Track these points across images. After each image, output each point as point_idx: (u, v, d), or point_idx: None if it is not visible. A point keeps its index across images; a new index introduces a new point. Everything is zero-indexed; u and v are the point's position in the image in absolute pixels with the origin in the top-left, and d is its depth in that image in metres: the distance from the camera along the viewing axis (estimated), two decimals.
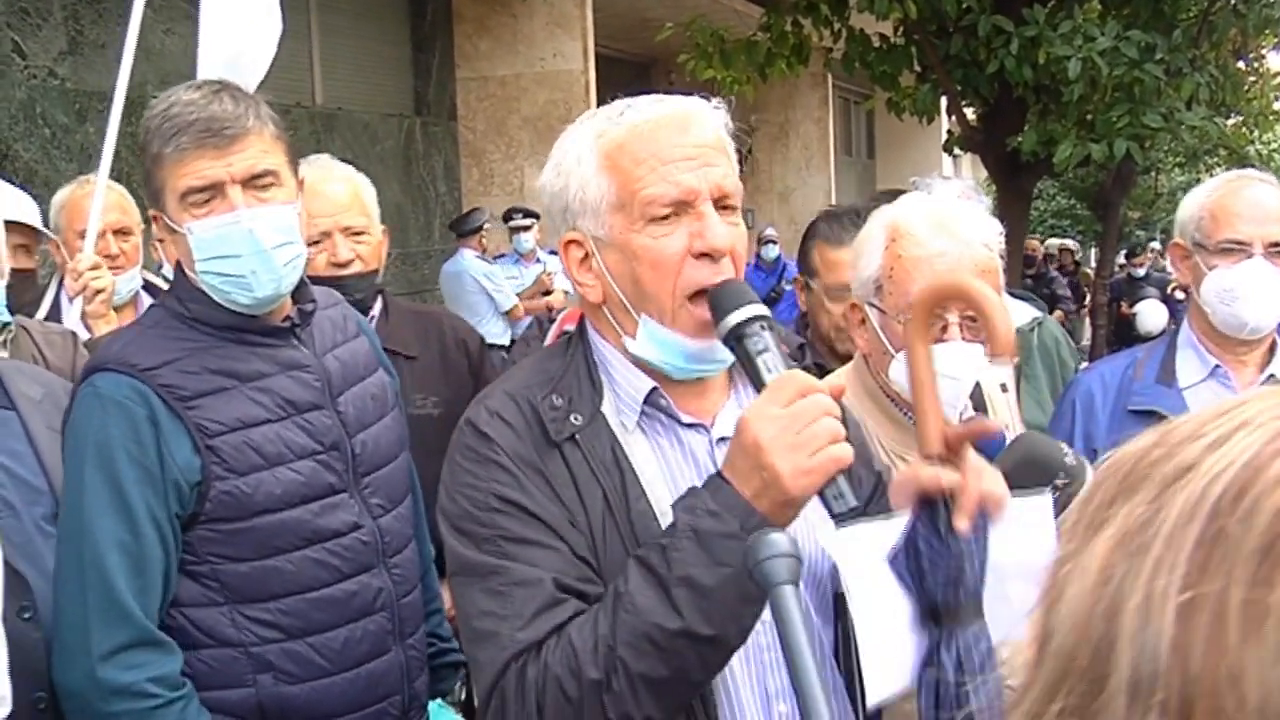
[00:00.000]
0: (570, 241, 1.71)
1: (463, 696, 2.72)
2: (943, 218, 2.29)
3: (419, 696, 2.39)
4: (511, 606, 1.56)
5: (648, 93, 1.75)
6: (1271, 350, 2.88)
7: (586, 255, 1.70)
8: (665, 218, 1.62)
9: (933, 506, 1.62)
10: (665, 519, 1.61)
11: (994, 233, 2.35)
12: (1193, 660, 0.56)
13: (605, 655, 1.49)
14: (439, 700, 2.54)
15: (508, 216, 9.76)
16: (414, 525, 2.48)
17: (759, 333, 1.57)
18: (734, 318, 1.58)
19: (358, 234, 3.11)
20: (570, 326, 2.97)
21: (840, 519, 1.52)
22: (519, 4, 10.23)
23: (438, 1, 10.56)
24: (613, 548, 1.62)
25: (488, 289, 9.06)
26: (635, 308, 1.67)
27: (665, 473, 1.68)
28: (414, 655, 2.37)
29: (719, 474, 1.54)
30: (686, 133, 1.65)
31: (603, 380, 1.71)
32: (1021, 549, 1.64)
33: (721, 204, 1.65)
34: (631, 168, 1.63)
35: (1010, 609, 1.71)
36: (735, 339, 1.59)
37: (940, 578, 1.66)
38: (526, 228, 9.63)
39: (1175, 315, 15.21)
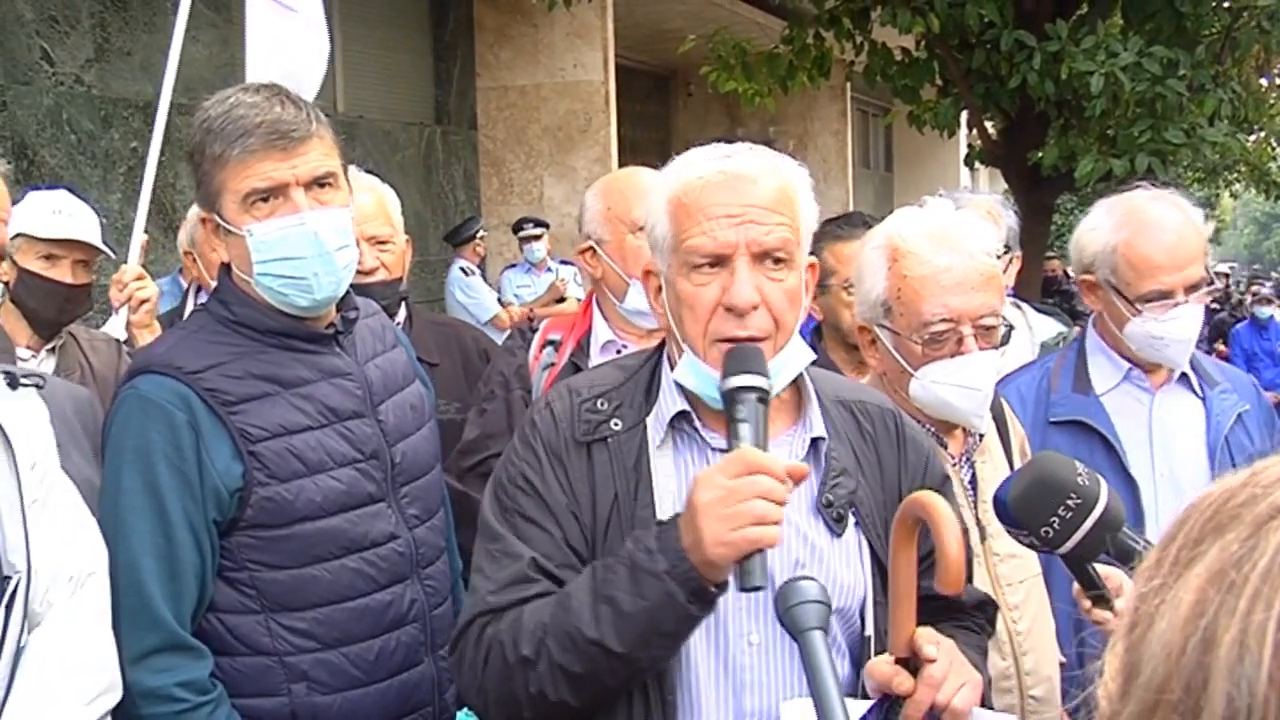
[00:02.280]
0: (648, 271, 1.91)
1: None
2: (942, 232, 2.28)
3: (449, 708, 2.39)
4: (496, 572, 1.78)
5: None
6: None
7: (660, 286, 1.87)
8: (707, 267, 1.77)
9: (892, 704, 1.67)
10: None
11: (993, 239, 2.35)
12: None
13: (538, 639, 1.69)
14: (466, 709, 2.54)
15: (518, 227, 9.78)
16: (445, 537, 2.48)
17: (747, 402, 1.67)
18: (732, 381, 1.69)
19: (382, 243, 3.19)
20: (554, 335, 3.00)
21: (745, 592, 1.61)
22: (540, 14, 10.25)
23: (459, 11, 10.60)
24: (613, 545, 1.76)
25: (464, 302, 9.12)
26: (681, 340, 1.83)
27: (682, 490, 1.77)
28: (445, 667, 2.36)
29: (676, 516, 1.66)
30: (736, 191, 1.77)
31: (658, 395, 1.86)
32: None
33: (769, 259, 1.77)
34: (684, 218, 1.79)
35: None
36: (727, 400, 1.70)
37: None
38: (537, 237, 9.63)
39: None
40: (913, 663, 1.67)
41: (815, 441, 1.87)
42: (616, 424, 1.82)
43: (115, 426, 2.14)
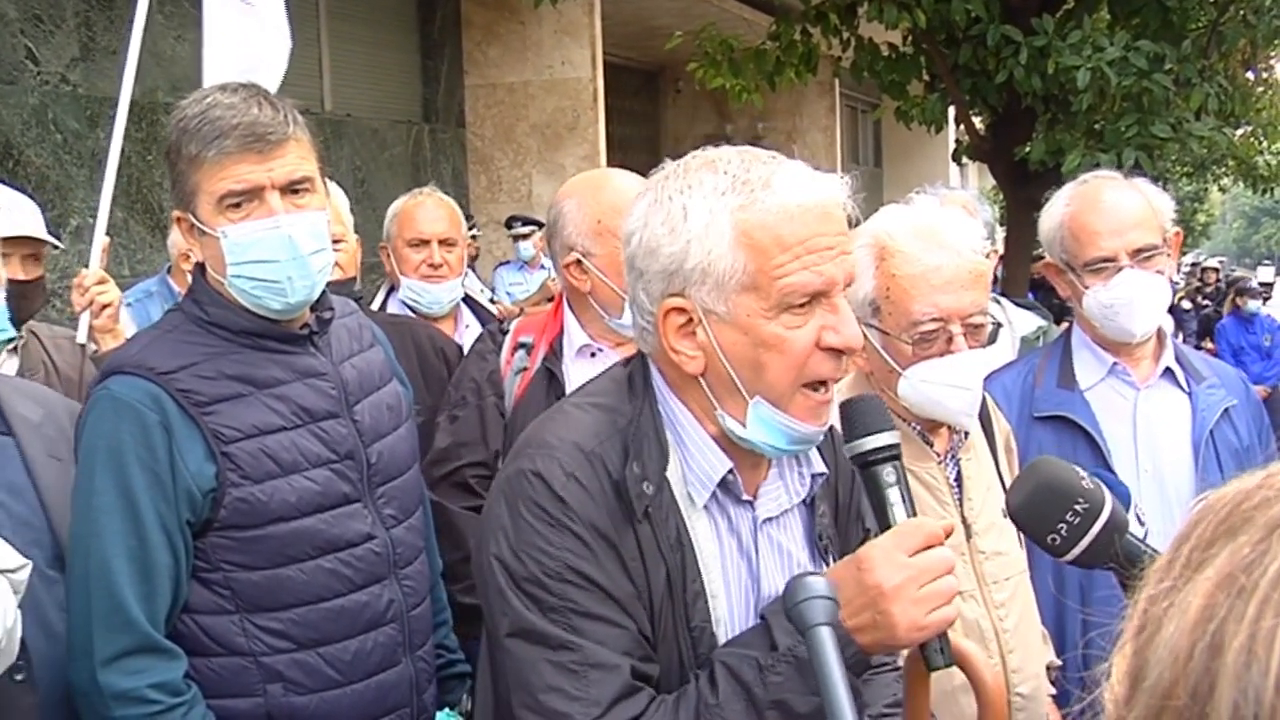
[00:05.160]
0: (676, 309, 1.60)
1: (469, 706, 2.71)
2: (930, 230, 2.27)
3: (427, 709, 2.38)
4: (586, 690, 1.53)
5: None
6: (1161, 341, 2.90)
7: (689, 322, 1.61)
8: (799, 307, 1.57)
9: None
10: (715, 600, 1.65)
11: (980, 235, 2.35)
12: None
13: None
14: (446, 710, 2.54)
15: (508, 224, 9.75)
16: (424, 537, 2.47)
17: (890, 464, 1.58)
18: (870, 442, 1.59)
19: (334, 242, 3.16)
20: (525, 339, 2.91)
21: (934, 671, 1.54)
22: (528, 11, 10.23)
23: (447, 8, 10.58)
24: (665, 624, 1.62)
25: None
26: (748, 389, 1.61)
27: (719, 551, 1.68)
28: (423, 667, 2.37)
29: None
30: (829, 220, 1.59)
31: (670, 442, 1.66)
32: None
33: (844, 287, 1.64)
34: (776, 252, 1.55)
35: None
36: (864, 462, 1.60)
37: None
38: (526, 235, 9.60)
39: (1182, 324, 15.17)
40: None
41: (813, 477, 1.77)
42: (649, 488, 1.60)
43: (87, 427, 2.12)
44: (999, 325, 2.37)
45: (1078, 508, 1.72)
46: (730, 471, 1.66)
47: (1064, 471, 1.77)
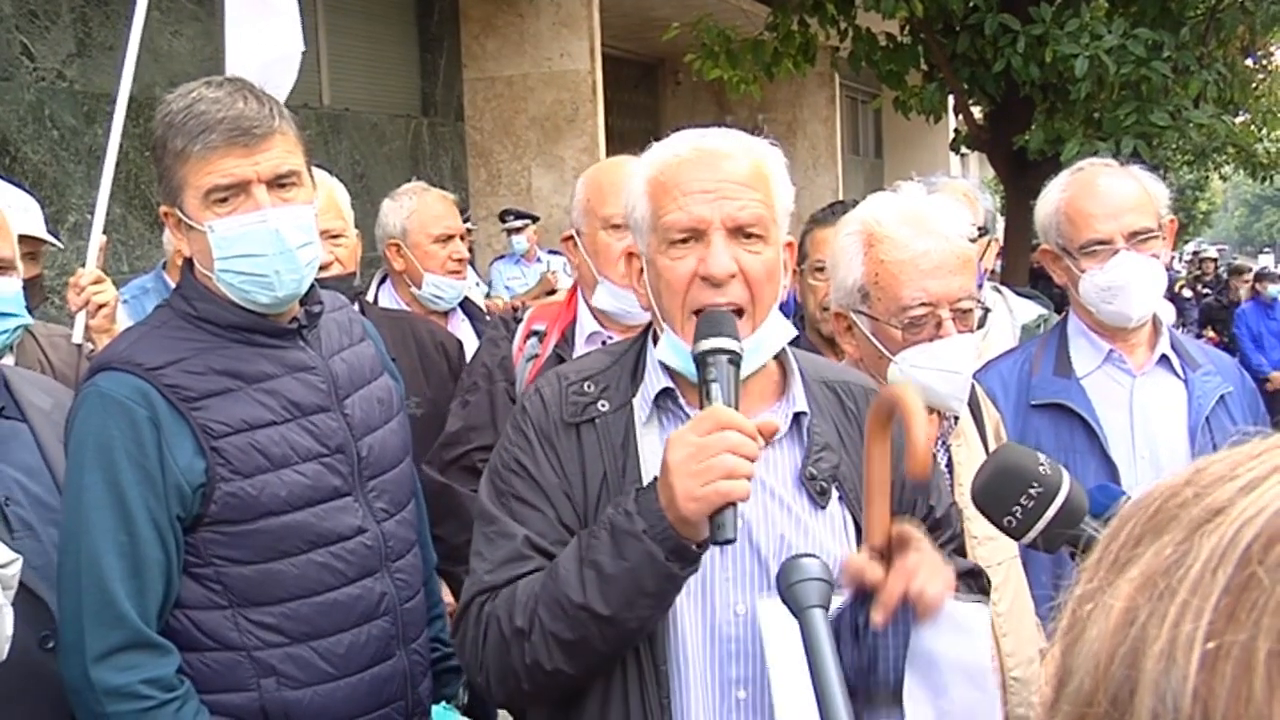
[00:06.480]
0: (630, 253, 1.98)
1: (466, 700, 2.72)
2: (917, 216, 2.28)
3: (422, 701, 2.38)
4: (491, 552, 1.85)
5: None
6: (1156, 328, 2.90)
7: (642, 268, 1.94)
8: (683, 242, 1.84)
9: (864, 596, 1.71)
10: None
11: (967, 222, 2.36)
12: (1215, 711, 0.54)
13: (530, 610, 1.76)
14: (443, 703, 2.54)
15: (502, 218, 9.73)
16: (417, 531, 2.47)
17: (717, 364, 1.73)
18: (702, 345, 1.75)
19: (335, 237, 3.20)
20: (538, 326, 2.98)
21: (718, 545, 1.68)
22: (526, 4, 10.23)
23: (445, 2, 10.57)
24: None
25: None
26: (663, 318, 1.89)
27: None
28: (417, 660, 2.37)
29: (655, 480, 1.72)
30: (711, 168, 1.84)
31: (644, 376, 1.93)
32: (960, 650, 1.75)
33: (743, 233, 1.83)
34: (661, 195, 1.86)
35: (952, 705, 1.78)
36: (699, 363, 1.75)
37: (852, 663, 1.74)
38: (519, 229, 9.57)
39: (1183, 312, 15.12)
40: (887, 554, 1.72)
41: (798, 416, 1.91)
42: (604, 405, 1.89)
43: (77, 424, 2.13)
44: (987, 310, 2.38)
45: (1032, 491, 1.74)
46: (668, 390, 1.89)
47: (1022, 456, 1.80)
